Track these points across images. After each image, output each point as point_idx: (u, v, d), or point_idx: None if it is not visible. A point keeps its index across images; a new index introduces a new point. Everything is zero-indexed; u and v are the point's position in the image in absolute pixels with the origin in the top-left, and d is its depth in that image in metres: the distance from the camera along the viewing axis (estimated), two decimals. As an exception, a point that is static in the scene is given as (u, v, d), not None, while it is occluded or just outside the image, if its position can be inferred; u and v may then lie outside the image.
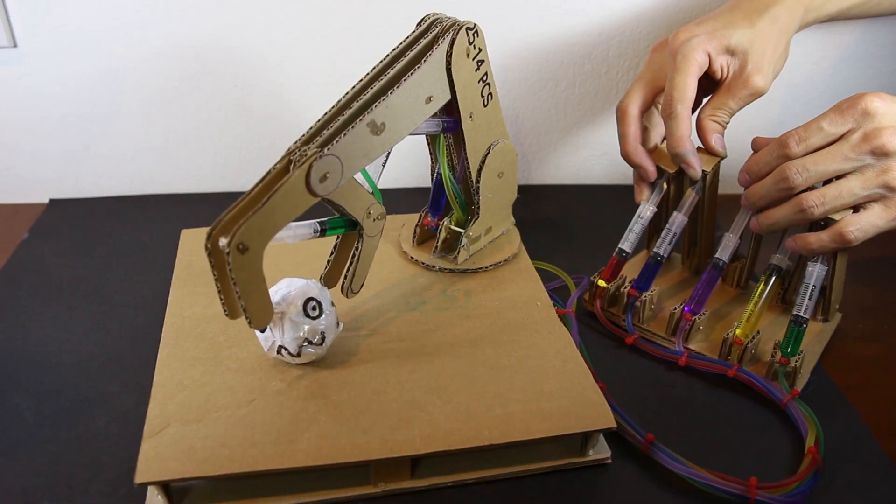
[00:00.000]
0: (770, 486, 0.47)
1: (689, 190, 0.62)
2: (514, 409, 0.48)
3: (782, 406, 0.54)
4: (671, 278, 0.68)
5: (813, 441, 0.50)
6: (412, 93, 0.52)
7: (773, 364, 0.55)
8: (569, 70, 0.81)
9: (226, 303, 0.46)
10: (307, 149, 0.46)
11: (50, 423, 0.51)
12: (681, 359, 0.58)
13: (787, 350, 0.55)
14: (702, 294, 0.60)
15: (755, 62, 0.59)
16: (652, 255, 0.62)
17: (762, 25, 0.60)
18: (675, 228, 0.62)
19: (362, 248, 0.52)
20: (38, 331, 0.60)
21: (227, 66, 0.76)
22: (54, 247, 0.72)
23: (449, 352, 0.54)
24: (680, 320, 0.59)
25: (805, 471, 0.48)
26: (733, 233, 0.60)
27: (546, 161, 0.87)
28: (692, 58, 0.58)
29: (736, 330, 0.57)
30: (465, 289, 0.61)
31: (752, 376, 0.55)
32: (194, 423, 0.46)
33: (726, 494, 0.47)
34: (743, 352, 0.56)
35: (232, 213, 0.44)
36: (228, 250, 0.43)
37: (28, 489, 0.47)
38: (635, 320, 0.62)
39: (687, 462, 0.48)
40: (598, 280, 0.63)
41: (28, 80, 0.75)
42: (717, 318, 0.63)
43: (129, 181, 0.82)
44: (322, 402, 0.48)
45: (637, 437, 0.50)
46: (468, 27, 0.53)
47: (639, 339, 0.60)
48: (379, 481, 0.47)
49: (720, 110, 0.60)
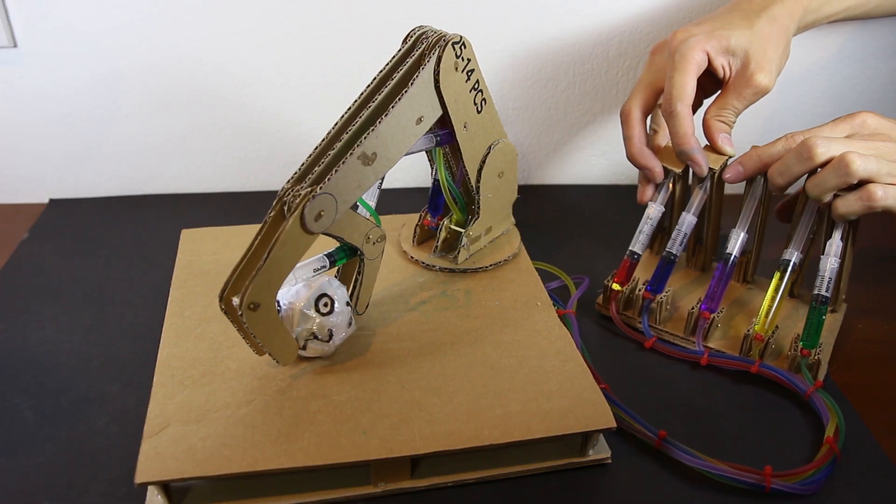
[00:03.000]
0: (785, 475, 0.47)
1: (697, 189, 0.62)
2: (514, 409, 0.48)
3: (806, 397, 0.54)
4: (679, 277, 0.68)
5: (833, 431, 0.50)
6: (401, 117, 0.51)
7: (795, 357, 0.56)
8: (569, 70, 0.81)
9: (250, 345, 0.48)
10: (299, 189, 0.46)
11: (50, 423, 0.51)
12: (702, 358, 0.58)
13: (807, 342, 0.56)
14: (717, 291, 0.60)
15: (757, 61, 0.59)
16: (665, 254, 0.62)
17: (761, 25, 0.60)
18: (686, 229, 0.62)
19: (364, 271, 0.53)
20: (38, 331, 0.60)
21: (226, 65, 0.76)
22: (54, 247, 0.72)
23: (449, 352, 0.54)
24: (698, 319, 0.59)
25: (821, 459, 0.49)
26: (741, 228, 0.60)
27: (546, 161, 0.87)
28: (690, 57, 0.58)
29: (755, 326, 0.57)
30: (465, 289, 0.61)
31: (775, 370, 0.56)
32: (194, 422, 0.46)
33: (742, 484, 0.47)
34: (764, 347, 0.57)
35: (239, 271, 0.46)
36: (241, 312, 0.45)
37: (28, 489, 0.47)
38: (651, 321, 0.62)
39: (701, 455, 0.48)
40: (613, 283, 0.63)
41: (28, 80, 0.75)
42: (729, 314, 0.63)
43: (129, 181, 0.82)
44: (322, 402, 0.48)
45: (649, 434, 0.50)
46: (454, 42, 0.52)
47: (657, 342, 0.60)
48: (379, 481, 0.47)
49: (725, 110, 0.60)
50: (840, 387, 0.57)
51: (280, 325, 0.48)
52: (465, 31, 0.53)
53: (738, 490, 0.48)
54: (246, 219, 0.69)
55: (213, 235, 0.66)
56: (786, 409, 0.55)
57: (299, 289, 0.50)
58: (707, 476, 0.48)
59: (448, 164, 0.62)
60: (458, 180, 0.63)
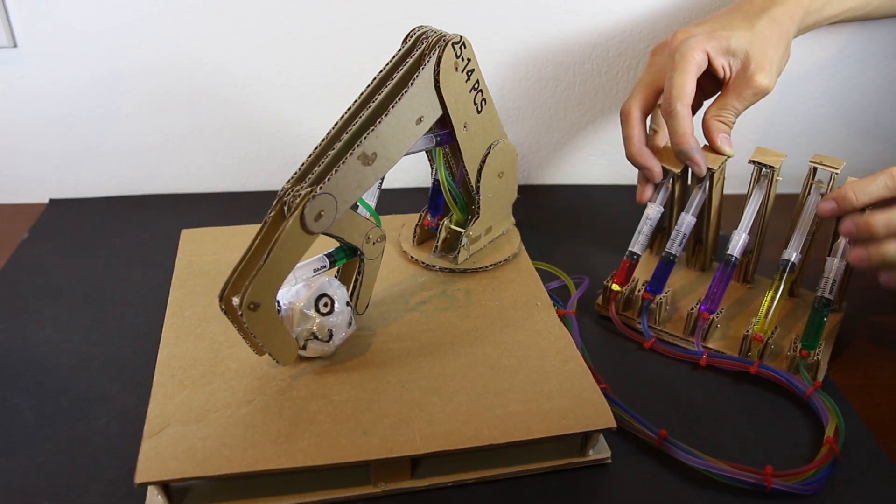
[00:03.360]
0: (786, 475, 0.48)
1: (696, 189, 0.62)
2: (514, 409, 0.48)
3: (805, 398, 0.54)
4: (679, 277, 0.68)
5: (833, 431, 0.51)
6: (401, 117, 0.51)
7: (794, 358, 0.56)
8: (569, 70, 0.81)
9: (250, 345, 0.48)
10: (299, 189, 0.46)
11: (50, 423, 0.51)
12: (701, 359, 0.58)
13: (807, 343, 0.56)
14: (717, 292, 0.60)
15: (757, 62, 0.59)
16: (664, 255, 0.62)
17: (761, 26, 0.60)
18: (685, 229, 0.62)
19: (364, 271, 0.53)
20: (38, 331, 0.60)
21: (226, 65, 0.76)
22: (54, 247, 0.72)
23: (449, 352, 0.53)
24: (698, 320, 0.59)
25: (822, 459, 0.49)
26: (743, 229, 0.60)
27: (546, 161, 0.87)
28: (690, 57, 0.59)
29: (754, 326, 0.57)
30: (465, 289, 0.61)
31: (774, 371, 0.56)
32: (194, 422, 0.46)
33: (743, 484, 0.47)
34: (764, 348, 0.57)
35: (239, 271, 0.46)
36: (241, 312, 0.45)
37: (28, 489, 0.47)
38: (651, 322, 0.62)
39: (702, 455, 0.48)
40: (612, 284, 0.63)
41: (28, 80, 0.75)
42: (729, 314, 0.63)
43: (129, 181, 0.82)
44: (322, 401, 0.48)
45: (650, 434, 0.50)
46: (454, 42, 0.52)
47: (657, 343, 0.60)
48: (379, 481, 0.47)
49: (725, 110, 0.60)
50: (840, 387, 0.57)
51: (280, 325, 0.48)
52: (465, 31, 0.53)
53: (739, 490, 0.48)
54: (246, 219, 0.69)
55: (213, 235, 0.66)
56: (786, 409, 0.55)
57: (299, 289, 0.50)
58: (708, 476, 0.48)
59: (448, 164, 0.62)
60: (459, 180, 0.63)
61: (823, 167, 0.58)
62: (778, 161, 0.60)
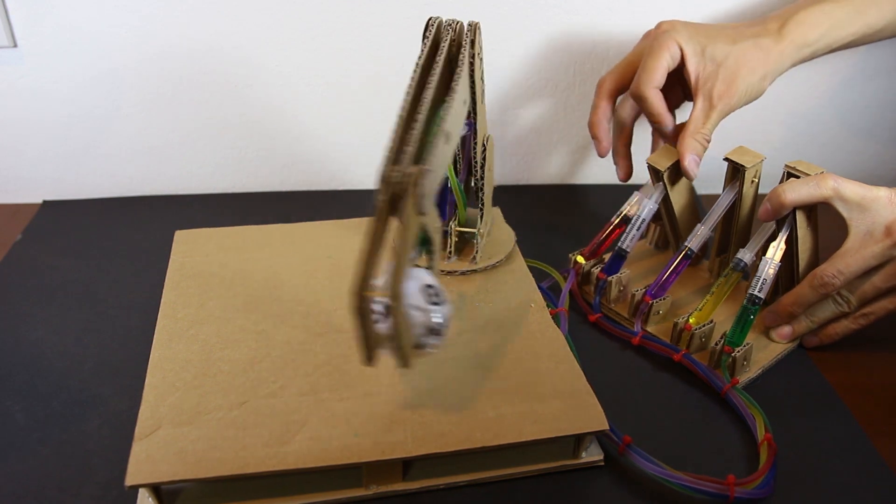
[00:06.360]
0: (743, 482, 0.47)
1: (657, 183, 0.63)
2: (507, 412, 0.48)
3: (722, 394, 0.55)
4: (650, 263, 0.70)
5: (764, 429, 0.51)
6: (460, 98, 0.50)
7: (715, 352, 0.56)
8: (569, 70, 0.80)
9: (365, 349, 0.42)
10: (400, 169, 0.41)
11: (41, 425, 0.51)
12: (635, 338, 0.60)
13: (731, 339, 0.56)
14: (665, 280, 0.61)
15: (731, 72, 0.61)
16: (617, 249, 0.63)
17: (744, 46, 0.61)
18: (645, 214, 0.63)
19: None
20: (31, 333, 0.60)
21: (225, 66, 0.76)
22: (47, 248, 0.72)
23: (441, 354, 0.53)
24: (640, 303, 0.61)
25: (767, 461, 0.49)
26: (705, 225, 0.61)
27: (546, 161, 0.87)
28: (666, 45, 0.61)
29: (689, 317, 0.58)
30: (458, 291, 0.61)
31: (695, 363, 0.57)
32: (186, 425, 0.46)
33: (704, 495, 0.47)
34: (691, 338, 0.57)
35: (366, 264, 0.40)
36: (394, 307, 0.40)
37: (19, 492, 0.47)
38: (604, 300, 0.64)
39: (664, 465, 0.48)
40: (577, 256, 0.66)
41: (28, 80, 0.75)
42: (681, 303, 0.64)
43: (127, 182, 0.82)
44: (314, 404, 0.48)
45: (614, 439, 0.50)
46: (479, 27, 0.54)
47: (602, 318, 0.62)
48: (370, 483, 0.47)
49: (705, 127, 0.61)
50: (835, 386, 0.57)
51: (408, 321, 0.42)
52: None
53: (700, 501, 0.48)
54: (241, 220, 0.68)
55: (207, 237, 0.66)
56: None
57: None
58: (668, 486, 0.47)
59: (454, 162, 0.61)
60: (462, 179, 0.63)
61: (798, 173, 0.57)
62: (752, 161, 0.59)
